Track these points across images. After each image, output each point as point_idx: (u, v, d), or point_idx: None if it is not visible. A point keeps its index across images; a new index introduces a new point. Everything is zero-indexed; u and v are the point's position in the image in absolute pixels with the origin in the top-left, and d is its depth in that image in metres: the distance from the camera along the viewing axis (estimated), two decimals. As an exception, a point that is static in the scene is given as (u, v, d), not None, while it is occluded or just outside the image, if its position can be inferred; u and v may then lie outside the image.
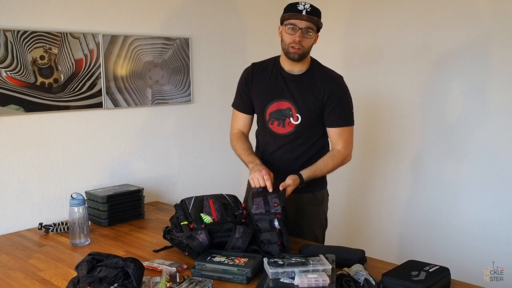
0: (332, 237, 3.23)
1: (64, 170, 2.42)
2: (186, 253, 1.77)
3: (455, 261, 2.11)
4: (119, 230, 2.22)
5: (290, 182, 1.90)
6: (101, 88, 2.52)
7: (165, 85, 2.80)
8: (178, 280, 1.53)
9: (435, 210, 2.86)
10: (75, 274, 1.51)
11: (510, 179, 2.56)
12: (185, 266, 1.70)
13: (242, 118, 2.20)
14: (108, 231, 2.23)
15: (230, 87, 3.12)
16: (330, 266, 1.52)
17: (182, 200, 1.96)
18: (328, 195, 2.23)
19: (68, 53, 2.39)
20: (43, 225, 2.19)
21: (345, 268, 1.55)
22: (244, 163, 2.08)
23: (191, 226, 1.83)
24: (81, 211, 2.02)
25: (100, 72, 2.51)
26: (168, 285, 1.48)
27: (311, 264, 1.53)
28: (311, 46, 2.00)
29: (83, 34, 2.43)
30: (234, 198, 2.01)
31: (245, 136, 2.22)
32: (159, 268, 1.65)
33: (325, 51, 3.27)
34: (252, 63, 2.17)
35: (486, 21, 2.55)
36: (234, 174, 2.29)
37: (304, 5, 1.93)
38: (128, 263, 1.46)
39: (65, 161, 2.42)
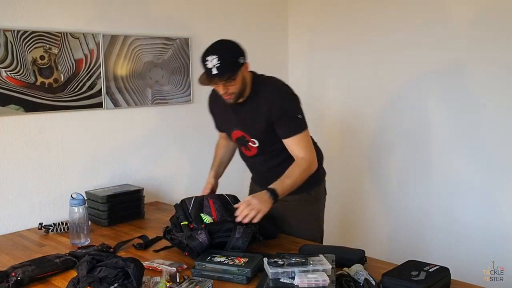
0: (332, 237, 3.23)
1: (64, 170, 2.42)
2: (186, 253, 1.77)
3: (455, 261, 2.10)
4: (119, 230, 2.22)
5: (242, 206, 1.82)
6: (101, 88, 2.52)
7: (165, 85, 2.80)
8: (178, 280, 1.53)
9: (436, 210, 2.86)
10: (75, 274, 1.51)
11: (510, 179, 2.56)
12: (185, 266, 1.70)
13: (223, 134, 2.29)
14: (108, 231, 2.23)
15: (230, 87, 3.12)
16: (330, 266, 1.52)
17: (182, 200, 1.96)
18: (325, 193, 2.22)
19: (68, 53, 2.39)
20: (43, 225, 2.19)
21: (345, 268, 1.55)
22: None
23: (191, 226, 1.83)
24: (81, 211, 2.02)
25: (100, 72, 2.51)
26: (168, 285, 1.48)
27: (311, 264, 1.53)
28: (243, 82, 1.91)
29: (83, 34, 2.43)
30: (234, 198, 2.01)
31: (226, 141, 2.28)
32: (159, 268, 1.65)
33: (324, 57, 3.28)
34: (212, 90, 2.15)
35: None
36: (235, 174, 2.30)
37: (212, 61, 1.81)
38: (128, 263, 1.46)
39: (65, 161, 2.42)
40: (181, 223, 1.86)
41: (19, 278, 1.57)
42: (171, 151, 2.88)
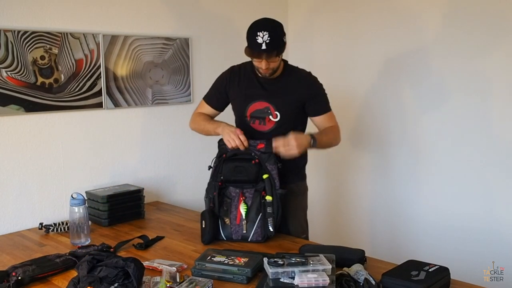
0: (331, 237, 3.24)
1: (64, 170, 2.42)
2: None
3: (455, 261, 2.10)
4: (119, 230, 2.22)
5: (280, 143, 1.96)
6: (101, 88, 2.52)
7: (165, 85, 2.81)
8: (178, 280, 1.53)
9: (435, 210, 2.86)
10: (76, 273, 1.51)
11: (509, 179, 2.56)
12: (185, 266, 1.71)
13: (209, 111, 2.27)
14: (108, 231, 2.23)
15: (230, 87, 3.12)
16: (330, 266, 1.52)
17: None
18: (307, 189, 2.30)
19: (69, 53, 2.39)
20: (43, 225, 2.19)
21: (345, 268, 1.55)
22: (208, 132, 2.19)
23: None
24: (81, 211, 2.03)
25: (100, 72, 2.51)
26: (168, 285, 1.48)
27: (311, 264, 1.53)
28: (280, 60, 2.06)
29: (83, 34, 2.43)
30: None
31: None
32: (159, 268, 1.65)
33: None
34: (231, 67, 2.24)
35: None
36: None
37: (263, 37, 1.91)
38: (129, 263, 1.46)
39: (65, 161, 2.42)
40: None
41: (19, 277, 1.58)
42: (171, 151, 2.88)
